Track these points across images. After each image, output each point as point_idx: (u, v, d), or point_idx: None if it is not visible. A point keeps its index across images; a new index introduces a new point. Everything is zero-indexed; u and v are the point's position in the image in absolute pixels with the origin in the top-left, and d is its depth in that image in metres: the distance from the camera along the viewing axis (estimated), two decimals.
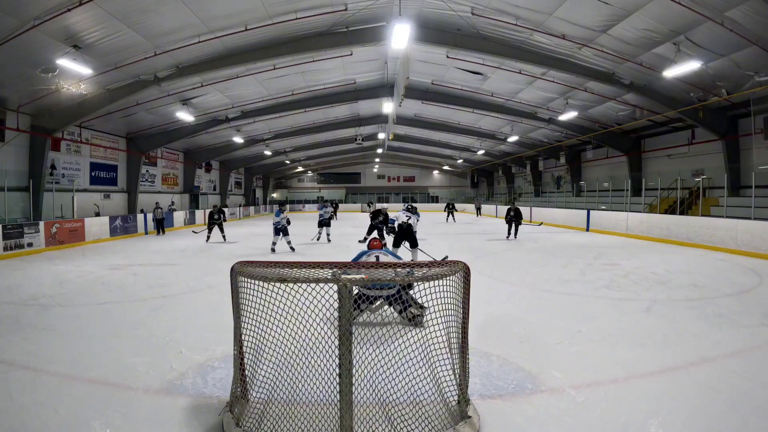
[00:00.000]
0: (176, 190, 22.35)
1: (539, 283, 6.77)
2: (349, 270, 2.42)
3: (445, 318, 2.57)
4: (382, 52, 12.91)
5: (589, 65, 11.52)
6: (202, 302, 5.68)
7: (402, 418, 2.51)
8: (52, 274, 7.88)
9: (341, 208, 37.71)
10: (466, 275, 2.65)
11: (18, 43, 8.41)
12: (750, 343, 3.99)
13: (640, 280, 6.90)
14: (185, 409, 2.81)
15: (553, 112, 16.41)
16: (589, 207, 17.88)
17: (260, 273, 2.59)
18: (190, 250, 11.17)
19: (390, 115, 17.81)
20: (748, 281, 6.88)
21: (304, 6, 9.34)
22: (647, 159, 17.91)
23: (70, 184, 14.24)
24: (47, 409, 2.78)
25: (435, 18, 10.28)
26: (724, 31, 8.57)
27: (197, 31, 9.55)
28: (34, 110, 11.94)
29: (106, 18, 8.31)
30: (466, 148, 27.50)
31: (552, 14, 9.32)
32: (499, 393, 3.01)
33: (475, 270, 7.11)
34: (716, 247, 10.65)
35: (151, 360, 3.62)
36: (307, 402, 2.72)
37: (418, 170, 41.32)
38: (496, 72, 13.38)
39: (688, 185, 14.95)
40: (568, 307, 5.32)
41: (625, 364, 3.49)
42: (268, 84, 14.13)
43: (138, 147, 17.76)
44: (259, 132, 21.12)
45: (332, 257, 9.73)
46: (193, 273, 7.95)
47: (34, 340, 4.16)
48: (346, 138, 25.50)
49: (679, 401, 2.86)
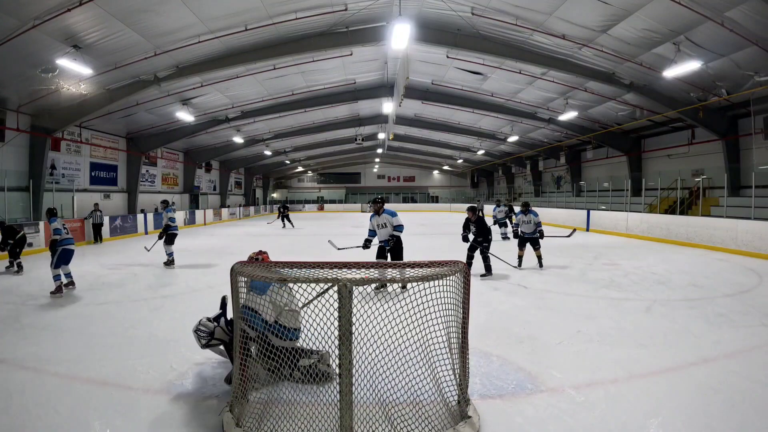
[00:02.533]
0: (176, 190, 22.35)
1: (539, 284, 6.77)
2: (349, 270, 2.43)
3: (445, 318, 2.57)
4: (382, 52, 12.91)
5: (589, 65, 11.52)
6: (202, 302, 5.67)
7: (402, 418, 2.51)
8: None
9: (341, 208, 37.81)
10: (466, 275, 2.64)
11: (18, 43, 8.41)
12: (750, 343, 3.99)
13: (640, 280, 6.89)
14: (185, 409, 2.81)
15: (553, 112, 16.41)
16: (589, 207, 17.88)
17: (260, 273, 2.59)
18: (190, 250, 11.16)
19: (390, 115, 17.81)
20: (748, 281, 6.88)
21: (304, 6, 9.33)
22: (647, 159, 17.91)
23: (70, 184, 14.24)
24: (47, 409, 2.78)
25: (435, 18, 10.28)
26: (724, 31, 8.57)
27: (197, 31, 9.55)
28: (34, 110, 11.94)
29: (106, 18, 8.31)
30: (466, 148, 27.51)
31: (552, 14, 9.32)
32: (499, 393, 3.01)
33: (476, 270, 7.12)
34: (716, 247, 10.65)
35: (151, 360, 3.61)
36: (307, 402, 2.72)
37: (418, 170, 41.33)
38: (496, 72, 13.38)
39: (688, 185, 14.95)
40: (568, 307, 5.32)
41: (625, 364, 3.49)
42: (268, 84, 14.13)
43: (138, 147, 17.76)
44: (259, 132, 21.12)
45: (332, 257, 9.70)
46: (193, 273, 7.95)
47: (34, 340, 4.16)
48: (346, 138, 25.50)
49: (679, 401, 2.86)
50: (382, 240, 6.26)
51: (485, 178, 37.77)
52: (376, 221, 6.32)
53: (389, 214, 6.24)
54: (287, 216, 19.64)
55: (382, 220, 6.26)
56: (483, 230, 7.23)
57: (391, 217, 6.21)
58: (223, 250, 11.42)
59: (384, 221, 6.24)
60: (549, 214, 20.51)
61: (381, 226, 6.28)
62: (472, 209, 7.38)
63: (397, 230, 6.13)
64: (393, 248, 6.19)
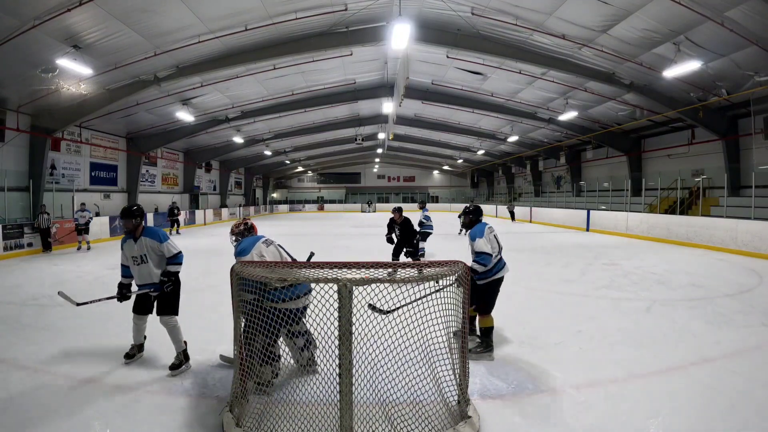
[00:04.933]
0: (176, 190, 22.34)
1: (539, 283, 6.76)
2: (349, 270, 2.43)
3: (445, 318, 2.57)
4: (382, 52, 12.90)
5: (589, 65, 11.52)
6: (202, 302, 5.67)
7: (402, 418, 2.51)
8: (52, 274, 7.88)
9: (341, 208, 37.83)
10: (466, 275, 2.65)
11: (18, 43, 8.40)
12: (750, 343, 3.99)
13: (640, 280, 6.89)
14: (185, 409, 2.81)
15: (553, 112, 16.40)
16: (589, 207, 17.88)
17: (260, 273, 2.59)
18: (191, 250, 11.16)
19: (390, 115, 17.80)
20: (748, 281, 6.88)
21: (304, 6, 9.33)
22: (647, 159, 17.90)
23: (70, 184, 14.23)
24: (47, 409, 2.78)
25: (435, 18, 10.27)
26: (724, 31, 8.56)
27: (197, 31, 9.54)
28: (34, 110, 11.93)
29: (106, 18, 8.30)
30: (466, 148, 27.50)
31: (552, 14, 9.31)
32: (499, 393, 3.01)
33: None
34: (716, 247, 10.65)
35: (151, 360, 3.61)
36: (307, 402, 2.72)
37: (418, 170, 41.34)
38: (496, 72, 13.37)
39: (688, 185, 14.94)
40: (568, 307, 5.32)
41: (625, 364, 3.49)
42: (268, 84, 14.12)
43: (138, 147, 17.75)
44: (259, 132, 21.11)
45: (332, 257, 9.71)
46: (193, 273, 7.95)
47: (34, 340, 4.16)
48: (346, 138, 25.49)
49: (679, 401, 2.86)
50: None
51: (485, 178, 37.77)
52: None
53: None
54: (177, 220, 17.32)
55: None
56: (408, 233, 6.89)
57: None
58: (223, 250, 11.40)
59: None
60: (549, 214, 20.54)
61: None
62: (398, 210, 7.08)
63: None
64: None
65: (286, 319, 2.73)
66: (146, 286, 3.54)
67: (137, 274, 3.55)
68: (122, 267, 3.63)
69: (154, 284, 3.52)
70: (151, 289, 3.52)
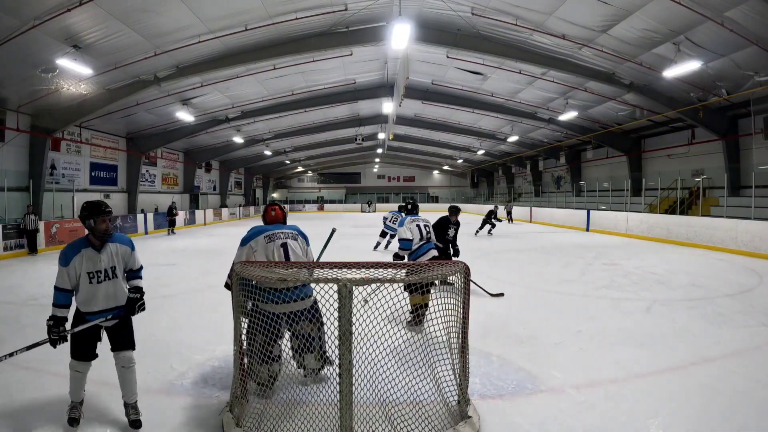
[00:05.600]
0: (176, 190, 22.35)
1: (539, 283, 6.76)
2: (349, 270, 2.43)
3: (445, 318, 2.57)
4: (382, 52, 12.90)
5: (589, 65, 11.52)
6: (202, 302, 5.68)
7: (402, 418, 2.50)
8: (52, 274, 7.87)
9: (341, 208, 37.83)
10: (466, 275, 2.65)
11: (18, 43, 8.40)
12: (750, 343, 3.99)
13: (640, 280, 6.90)
14: (185, 409, 2.80)
15: (553, 112, 16.40)
16: (589, 207, 17.89)
17: (260, 273, 2.59)
18: (191, 250, 11.17)
19: (390, 115, 17.80)
20: (748, 281, 6.88)
21: (304, 6, 9.33)
22: (647, 159, 17.91)
23: (70, 184, 14.24)
24: (47, 410, 2.78)
25: (435, 18, 10.27)
26: (724, 31, 8.56)
27: (197, 31, 9.54)
28: (34, 110, 11.93)
29: (106, 18, 8.30)
30: (466, 148, 27.50)
31: (552, 14, 9.32)
32: (499, 393, 3.01)
33: (475, 270, 7.10)
34: (716, 247, 10.65)
35: (151, 360, 3.61)
36: (307, 402, 2.72)
37: (418, 170, 41.34)
38: (496, 72, 13.37)
39: (688, 185, 14.95)
40: (568, 307, 5.32)
41: (625, 364, 3.49)
42: (268, 84, 14.12)
43: (138, 147, 17.76)
44: (259, 132, 21.11)
45: (332, 257, 9.71)
46: (193, 273, 7.95)
47: (34, 340, 4.15)
48: (346, 138, 25.49)
49: (679, 401, 2.86)
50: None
51: (485, 178, 37.77)
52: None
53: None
54: (174, 221, 17.10)
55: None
56: (456, 235, 6.70)
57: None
58: (223, 250, 11.40)
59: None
60: (549, 214, 20.54)
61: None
62: (456, 210, 6.75)
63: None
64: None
65: (280, 322, 2.74)
66: (104, 312, 2.54)
67: (94, 297, 2.53)
68: (59, 293, 2.54)
69: (117, 308, 2.59)
70: (108, 316, 2.55)
